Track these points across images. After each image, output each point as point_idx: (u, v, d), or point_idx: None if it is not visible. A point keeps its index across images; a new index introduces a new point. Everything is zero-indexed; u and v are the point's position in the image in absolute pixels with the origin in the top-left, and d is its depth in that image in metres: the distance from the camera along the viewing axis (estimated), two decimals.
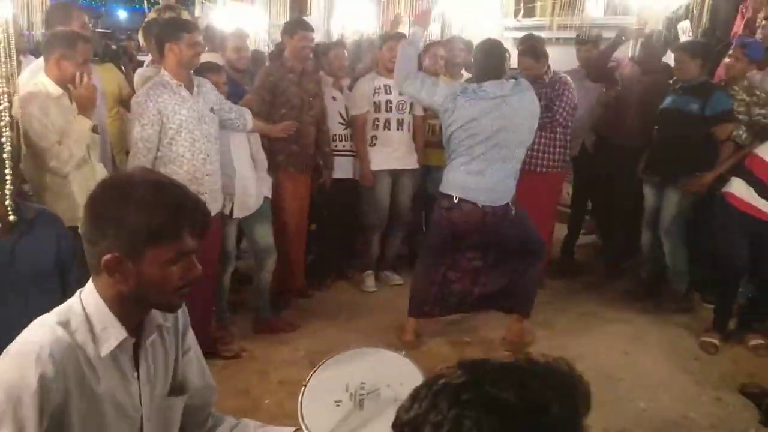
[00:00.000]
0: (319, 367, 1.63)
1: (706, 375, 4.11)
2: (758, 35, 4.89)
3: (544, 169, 4.93)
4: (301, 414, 1.50)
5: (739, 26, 5.49)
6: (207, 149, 3.73)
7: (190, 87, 3.71)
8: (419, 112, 5.15)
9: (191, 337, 1.59)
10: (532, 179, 4.75)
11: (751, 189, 4.20)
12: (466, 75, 5.35)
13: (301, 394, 1.55)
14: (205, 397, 1.63)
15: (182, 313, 1.55)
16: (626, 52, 5.73)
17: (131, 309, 1.37)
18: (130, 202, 1.28)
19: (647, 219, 5.05)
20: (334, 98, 5.06)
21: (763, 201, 4.18)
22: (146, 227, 1.28)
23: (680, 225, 4.79)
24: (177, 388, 1.52)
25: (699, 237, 4.80)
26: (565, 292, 5.27)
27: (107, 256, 1.29)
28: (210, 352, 4.00)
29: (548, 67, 4.94)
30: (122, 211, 1.28)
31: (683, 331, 4.64)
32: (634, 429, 3.51)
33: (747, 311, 4.55)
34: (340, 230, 5.39)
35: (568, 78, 4.96)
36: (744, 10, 5.50)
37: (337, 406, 1.52)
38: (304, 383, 1.58)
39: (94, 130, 3.50)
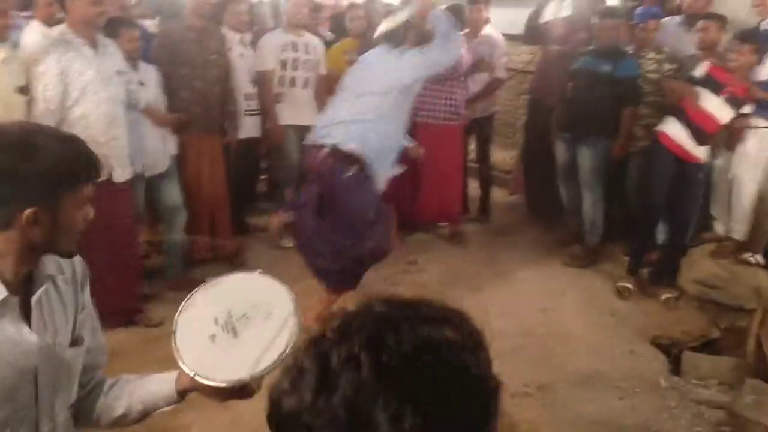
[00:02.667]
0: (181, 310, 1.60)
1: (621, 329, 4.27)
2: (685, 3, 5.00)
3: (444, 122, 5.15)
4: (181, 359, 1.49)
5: None
6: (113, 112, 3.58)
7: (94, 46, 3.52)
8: (323, 71, 5.09)
9: (88, 293, 1.57)
10: (436, 132, 5.10)
11: (685, 130, 4.38)
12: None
13: (173, 341, 1.53)
14: (92, 360, 1.58)
15: (81, 266, 1.53)
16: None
17: (24, 261, 1.34)
18: (39, 153, 1.27)
19: (561, 175, 5.22)
20: (242, 55, 4.90)
21: (692, 143, 4.37)
22: (62, 174, 1.29)
23: (598, 178, 4.95)
24: (77, 339, 1.50)
25: (615, 188, 5.02)
26: (485, 250, 5.35)
27: (27, 212, 1.27)
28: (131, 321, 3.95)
29: None
30: (33, 163, 1.27)
31: (599, 287, 4.78)
32: (551, 383, 3.62)
33: (659, 263, 4.75)
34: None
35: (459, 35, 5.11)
36: None
37: (213, 341, 1.51)
38: (173, 329, 1.55)
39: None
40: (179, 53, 4.38)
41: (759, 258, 4.45)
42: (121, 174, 3.71)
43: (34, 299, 1.38)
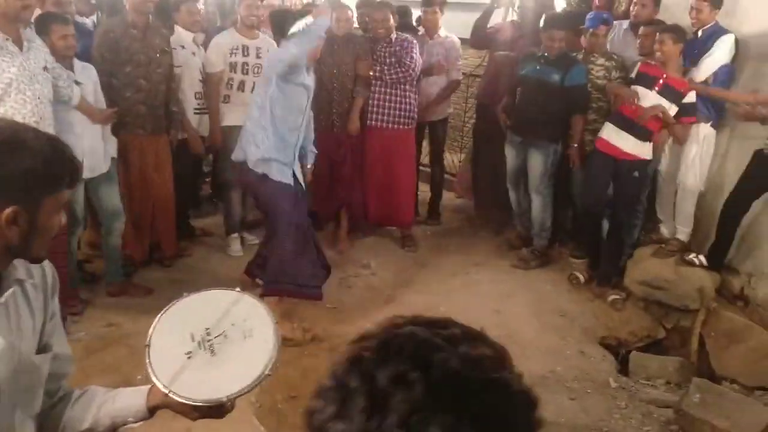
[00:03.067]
0: (156, 324, 1.57)
1: (570, 330, 4.33)
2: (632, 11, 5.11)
3: (397, 126, 5.09)
4: (154, 374, 1.45)
5: None
6: (40, 111, 3.39)
7: (18, 42, 3.33)
8: None
9: (57, 300, 1.51)
10: (390, 136, 5.08)
11: (617, 127, 4.52)
12: None
13: (147, 356, 1.49)
14: (59, 368, 1.53)
15: (52, 273, 1.49)
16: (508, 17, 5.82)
17: None
18: (27, 152, 1.24)
19: (510, 178, 5.23)
20: (193, 53, 4.81)
21: (625, 136, 4.49)
22: (47, 176, 1.27)
23: (547, 182, 5.02)
24: (44, 346, 1.45)
25: (563, 192, 5.14)
26: (436, 253, 5.36)
27: (8, 210, 1.23)
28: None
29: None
30: (20, 162, 1.24)
31: (550, 289, 4.85)
32: None
33: (605, 263, 4.85)
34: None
35: (412, 38, 5.12)
36: None
37: (189, 357, 1.48)
38: (146, 344, 1.52)
39: None
40: (122, 51, 4.23)
41: (702, 258, 4.56)
42: None
43: (3, 300, 1.32)
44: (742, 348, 4.08)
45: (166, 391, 1.42)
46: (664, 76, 4.41)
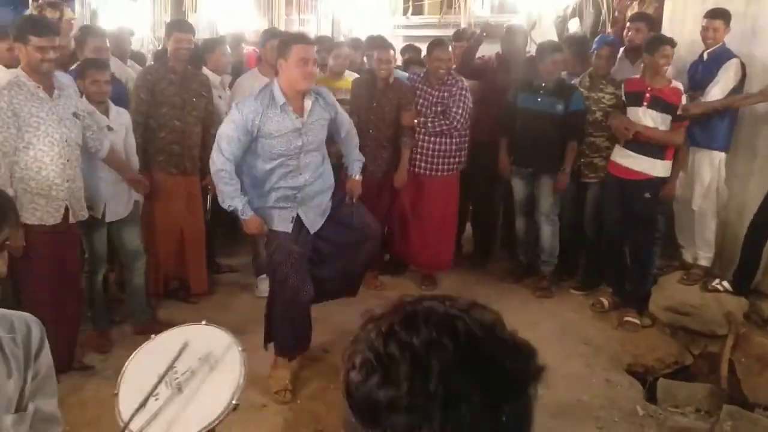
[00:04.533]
0: (124, 372, 1.59)
1: (596, 358, 4.30)
2: (627, 36, 5.16)
3: (441, 174, 5.02)
4: (123, 423, 1.46)
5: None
6: (67, 154, 3.55)
7: (49, 89, 3.51)
8: None
9: (45, 361, 1.43)
10: (431, 183, 5.01)
11: (626, 149, 4.55)
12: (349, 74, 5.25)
13: (116, 405, 1.51)
14: (43, 430, 1.45)
15: (37, 329, 1.42)
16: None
17: None
18: None
19: (520, 208, 5.20)
20: (220, 97, 4.94)
21: (634, 156, 4.51)
22: None
23: (557, 209, 5.05)
24: (23, 407, 1.40)
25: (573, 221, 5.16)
26: (458, 284, 5.34)
27: None
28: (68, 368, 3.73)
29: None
30: None
31: (574, 317, 4.83)
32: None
33: (629, 287, 4.84)
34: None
35: (464, 80, 4.99)
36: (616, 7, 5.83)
37: (156, 399, 1.50)
38: (114, 392, 1.54)
39: None
40: (158, 93, 4.43)
41: (726, 284, 4.51)
42: (78, 216, 3.72)
43: None
44: None
45: None
46: (649, 88, 4.42)
